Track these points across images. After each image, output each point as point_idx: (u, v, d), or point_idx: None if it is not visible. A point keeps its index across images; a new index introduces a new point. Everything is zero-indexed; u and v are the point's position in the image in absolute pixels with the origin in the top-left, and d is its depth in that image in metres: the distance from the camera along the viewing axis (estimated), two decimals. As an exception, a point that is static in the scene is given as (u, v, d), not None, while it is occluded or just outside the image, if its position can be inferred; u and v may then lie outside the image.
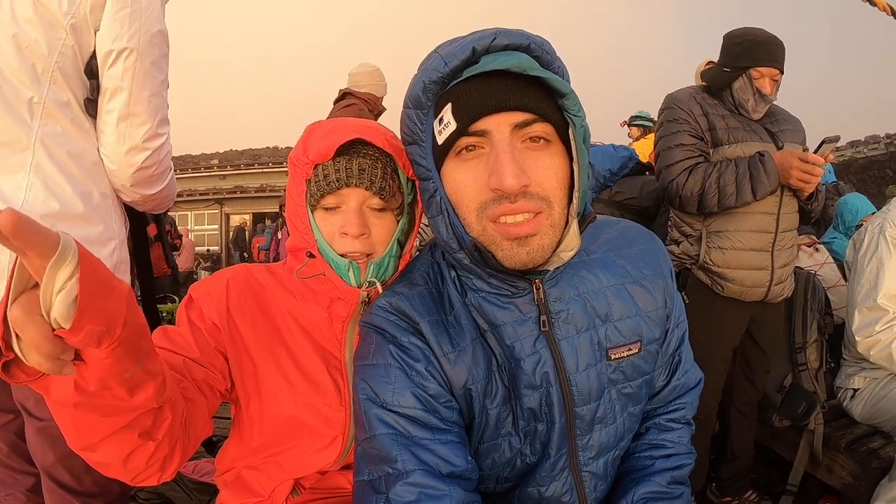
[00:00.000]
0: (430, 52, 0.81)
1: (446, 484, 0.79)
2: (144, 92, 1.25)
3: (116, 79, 1.22)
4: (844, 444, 2.14)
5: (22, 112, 1.13)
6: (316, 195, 0.96)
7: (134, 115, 1.24)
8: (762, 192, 1.92)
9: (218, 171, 17.10)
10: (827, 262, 2.88)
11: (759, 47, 1.99)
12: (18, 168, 1.12)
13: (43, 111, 1.15)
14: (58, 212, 1.14)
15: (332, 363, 1.03)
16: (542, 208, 0.78)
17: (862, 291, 2.14)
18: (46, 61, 1.15)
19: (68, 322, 0.50)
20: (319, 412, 1.01)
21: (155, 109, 1.28)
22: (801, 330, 2.38)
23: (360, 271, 0.97)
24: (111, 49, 1.20)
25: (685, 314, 1.05)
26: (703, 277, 2.10)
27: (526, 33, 0.78)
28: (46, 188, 1.14)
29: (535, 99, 0.76)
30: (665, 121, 2.12)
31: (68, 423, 0.66)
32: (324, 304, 1.02)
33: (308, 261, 0.97)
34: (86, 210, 1.20)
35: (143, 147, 1.26)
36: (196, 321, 0.98)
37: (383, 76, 3.20)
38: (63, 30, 1.16)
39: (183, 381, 0.86)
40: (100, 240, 1.23)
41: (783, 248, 2.05)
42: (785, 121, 2.12)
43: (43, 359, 0.52)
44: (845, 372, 2.33)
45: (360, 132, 0.95)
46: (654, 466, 0.99)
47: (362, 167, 0.95)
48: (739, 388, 2.35)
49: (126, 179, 1.28)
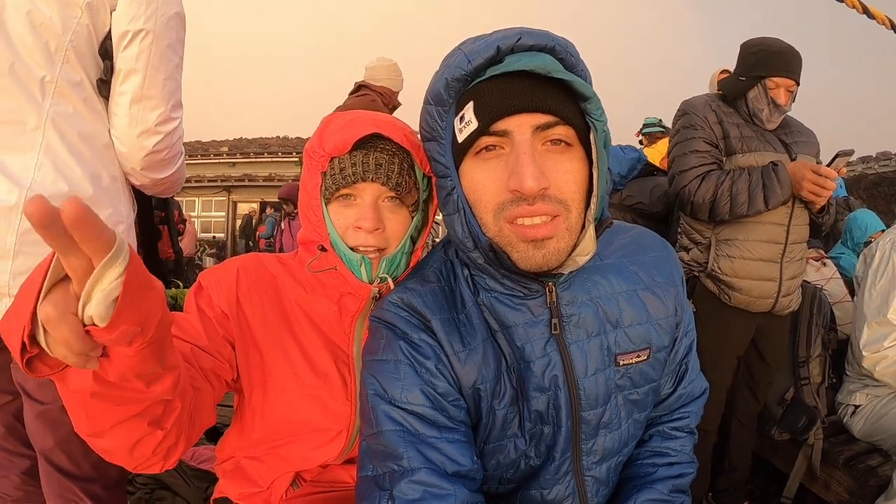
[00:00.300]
0: (454, 49, 0.81)
1: (451, 483, 0.78)
2: (159, 75, 1.23)
3: (131, 60, 1.20)
4: (843, 461, 2.14)
5: (34, 91, 1.12)
6: (331, 188, 0.95)
7: (147, 98, 1.23)
8: (774, 201, 1.92)
9: (227, 158, 17.10)
10: (834, 277, 2.87)
11: (775, 57, 1.99)
12: (29, 147, 1.11)
13: (55, 90, 1.14)
14: (66, 193, 1.12)
15: (340, 357, 1.03)
16: (560, 211, 0.78)
17: (872, 306, 2.13)
18: (60, 39, 1.14)
19: (105, 321, 0.49)
20: (325, 406, 1.01)
21: (169, 93, 1.26)
22: (805, 344, 2.38)
23: (371, 267, 0.96)
24: (127, 30, 1.19)
25: (694, 323, 1.05)
26: (711, 286, 2.09)
27: (551, 34, 0.77)
28: (56, 169, 1.12)
29: (558, 101, 0.76)
30: (681, 127, 2.12)
31: (80, 410, 0.65)
32: (334, 298, 1.01)
33: (320, 254, 0.97)
34: (95, 192, 1.18)
35: (155, 131, 1.25)
36: (205, 309, 0.97)
37: (400, 71, 3.19)
38: (78, 8, 1.15)
39: (191, 370, 0.86)
40: (108, 223, 1.22)
41: (792, 259, 2.04)
42: (799, 132, 2.11)
43: (70, 354, 0.51)
44: (847, 388, 2.32)
45: (378, 126, 0.94)
46: (656, 474, 0.98)
47: (379, 162, 0.94)
48: (741, 398, 2.34)
49: (136, 163, 1.27)
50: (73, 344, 0.50)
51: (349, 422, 1.02)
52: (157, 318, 0.55)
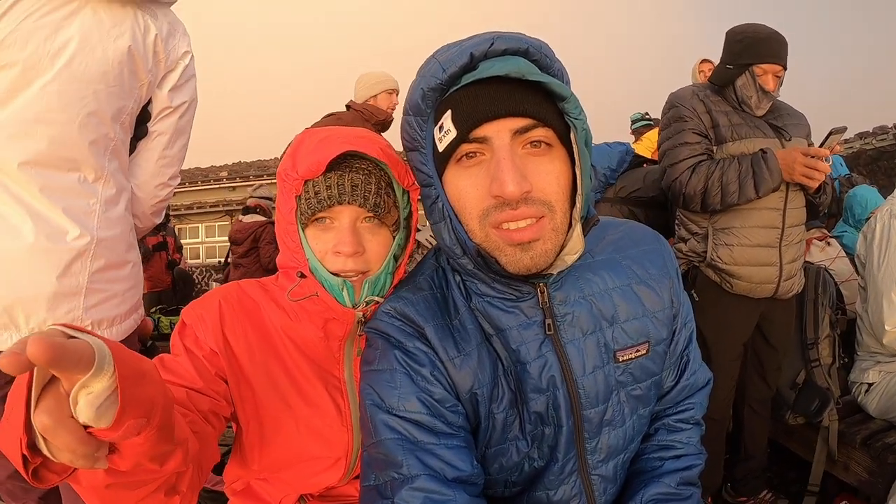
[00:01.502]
0: (428, 58, 0.81)
1: (452, 489, 0.78)
2: (182, 139, 1.48)
3: (169, 127, 1.42)
4: (860, 440, 2.12)
5: (100, 145, 1.26)
6: (307, 212, 0.92)
7: (169, 157, 1.46)
8: (765, 188, 1.92)
9: (227, 182, 17.18)
10: (839, 256, 2.84)
11: (761, 44, 1.99)
12: (92, 195, 1.25)
13: (112, 148, 1.29)
14: (115, 236, 1.29)
15: (332, 382, 1.01)
16: (544, 213, 0.78)
17: (887, 280, 2.08)
18: (124, 104, 1.29)
19: (99, 424, 0.47)
20: (321, 435, 0.99)
21: (182, 156, 1.50)
22: (812, 326, 2.36)
23: (354, 291, 0.93)
24: (169, 105, 1.40)
25: (692, 314, 1.04)
26: (712, 275, 2.09)
27: (524, 37, 0.78)
28: (108, 218, 1.27)
29: (535, 104, 0.76)
30: (669, 120, 2.12)
31: (96, 500, 0.63)
32: (319, 324, 0.97)
33: (299, 281, 0.93)
34: (131, 238, 1.37)
35: (167, 184, 1.48)
36: (192, 348, 0.93)
37: (380, 75, 3.20)
38: (142, 84, 1.32)
39: (189, 415, 0.82)
40: (131, 260, 1.37)
41: (791, 243, 2.04)
42: (789, 115, 2.11)
43: (76, 457, 0.49)
44: (859, 366, 2.30)
45: (352, 144, 0.91)
46: (663, 468, 0.98)
47: (355, 183, 0.91)
48: (752, 385, 2.32)
49: (149, 208, 1.48)
50: (76, 448, 0.48)
51: (347, 448, 1.00)
52: (161, 402, 0.54)
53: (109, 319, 1.27)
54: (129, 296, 1.33)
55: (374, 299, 0.94)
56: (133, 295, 1.36)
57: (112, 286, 1.27)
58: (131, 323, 1.36)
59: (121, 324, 1.31)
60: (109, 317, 1.27)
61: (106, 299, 1.25)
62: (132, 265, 1.36)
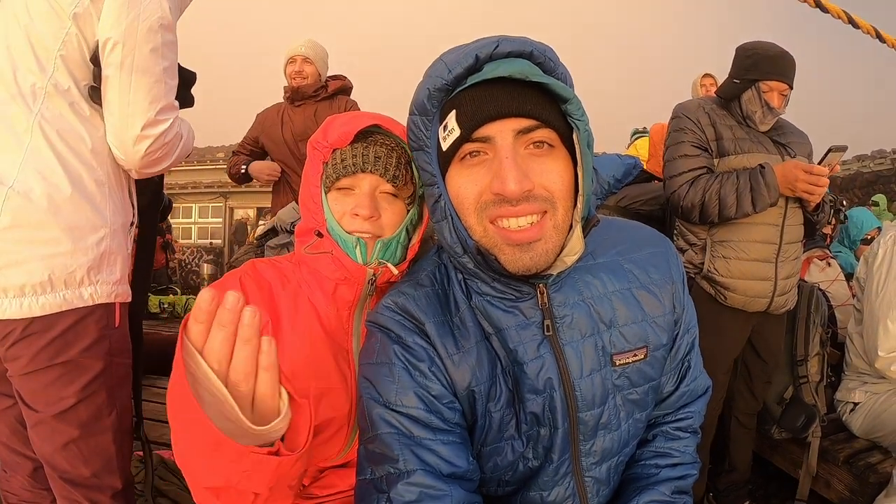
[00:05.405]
0: (435, 60, 0.83)
1: (447, 484, 0.79)
2: (144, 79, 1.24)
3: (115, 67, 1.21)
4: (843, 458, 2.15)
5: (26, 95, 1.18)
6: (332, 177, 1.01)
7: (134, 103, 1.23)
8: (762, 204, 1.93)
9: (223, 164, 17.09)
10: (838, 279, 2.85)
11: (769, 61, 2.01)
12: (15, 148, 1.16)
13: (45, 96, 1.19)
14: (44, 193, 1.15)
15: (341, 354, 1.04)
16: (547, 208, 0.79)
17: (884, 306, 2.08)
18: (51, 50, 1.20)
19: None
20: (327, 404, 1.01)
21: (155, 97, 1.26)
22: (803, 343, 2.38)
23: (367, 249, 1.01)
24: (108, 37, 1.20)
25: (696, 319, 1.04)
26: (707, 287, 2.10)
27: (529, 40, 0.79)
28: (37, 170, 1.16)
29: (538, 105, 0.77)
30: (672, 130, 2.15)
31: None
32: (329, 291, 1.03)
33: (316, 239, 1.01)
34: (73, 194, 1.19)
35: (143, 136, 1.25)
36: None
37: None
38: (67, 19, 1.20)
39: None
40: (87, 226, 1.22)
41: (787, 259, 2.05)
42: (792, 133, 2.13)
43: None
44: (846, 386, 2.32)
45: (379, 119, 1.02)
46: (659, 475, 0.98)
47: (378, 155, 1.00)
48: (740, 397, 2.35)
49: (134, 165, 1.30)
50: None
51: (349, 419, 1.03)
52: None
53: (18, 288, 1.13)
54: (51, 263, 1.15)
55: (385, 263, 1.01)
56: (62, 264, 1.16)
57: (25, 249, 1.12)
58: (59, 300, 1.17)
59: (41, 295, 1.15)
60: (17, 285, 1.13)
61: (12, 263, 1.12)
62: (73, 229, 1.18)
